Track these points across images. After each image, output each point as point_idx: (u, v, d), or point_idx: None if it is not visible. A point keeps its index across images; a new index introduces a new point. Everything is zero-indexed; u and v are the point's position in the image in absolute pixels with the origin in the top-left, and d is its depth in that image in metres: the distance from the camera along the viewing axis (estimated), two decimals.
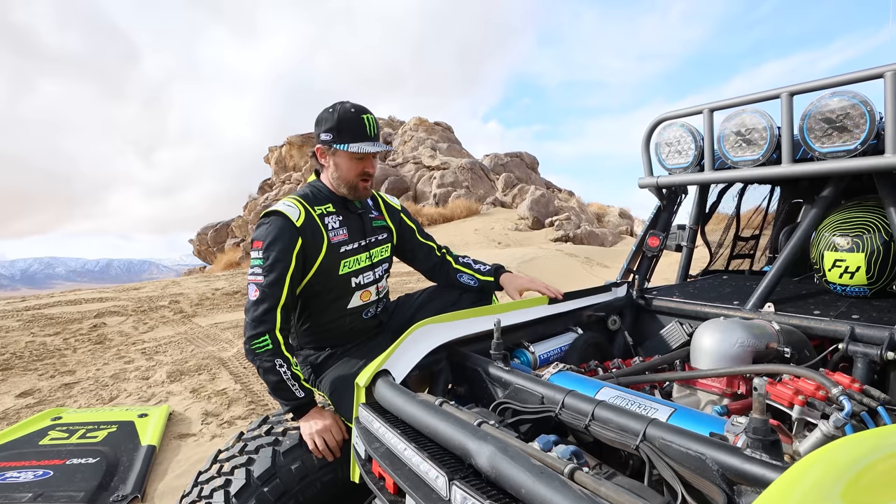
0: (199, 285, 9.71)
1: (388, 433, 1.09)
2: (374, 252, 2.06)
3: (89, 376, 4.73)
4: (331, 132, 1.87)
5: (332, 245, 1.91)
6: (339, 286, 1.95)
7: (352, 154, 1.89)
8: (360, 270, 2.00)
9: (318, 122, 1.92)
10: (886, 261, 1.75)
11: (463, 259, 2.31)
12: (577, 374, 1.38)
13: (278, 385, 1.74)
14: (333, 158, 1.92)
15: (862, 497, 0.57)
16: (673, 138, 2.17)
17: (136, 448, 3.11)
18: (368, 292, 2.04)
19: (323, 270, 1.89)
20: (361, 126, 1.89)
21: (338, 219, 1.97)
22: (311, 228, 1.86)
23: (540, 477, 0.76)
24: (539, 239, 16.44)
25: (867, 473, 0.58)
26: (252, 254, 1.85)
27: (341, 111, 1.88)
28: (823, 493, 0.56)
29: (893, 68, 1.54)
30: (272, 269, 1.77)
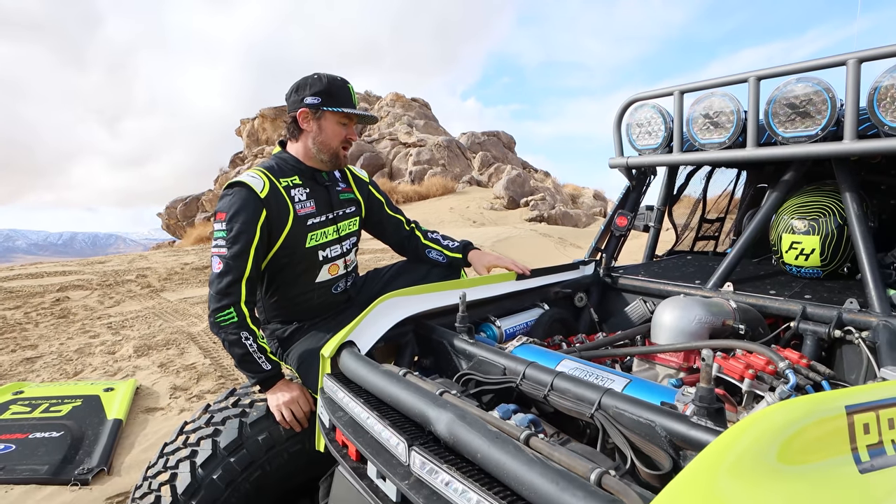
0: (167, 259, 9.52)
1: (352, 402, 1.10)
2: (341, 225, 2.05)
3: (52, 350, 4.63)
4: (319, 95, 1.87)
5: (299, 217, 1.90)
6: (306, 259, 1.94)
7: (340, 118, 1.90)
8: (328, 244, 1.99)
9: (302, 87, 1.90)
10: (840, 244, 1.82)
11: (432, 235, 2.31)
12: (539, 347, 1.42)
13: (244, 358, 1.74)
14: (319, 122, 1.91)
15: (796, 456, 0.60)
16: (644, 119, 2.20)
17: (101, 422, 3.08)
18: (336, 266, 2.03)
19: (289, 243, 1.88)
20: (348, 93, 1.93)
21: (304, 191, 1.95)
22: (275, 200, 1.84)
23: (495, 442, 0.78)
24: (514, 219, 16.53)
25: (801, 435, 0.62)
26: (215, 226, 1.82)
27: (329, 77, 1.90)
28: (759, 452, 0.59)
29: (855, 56, 1.58)
30: (236, 241, 1.75)
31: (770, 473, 0.58)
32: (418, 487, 0.84)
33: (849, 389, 0.71)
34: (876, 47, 1.56)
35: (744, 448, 0.60)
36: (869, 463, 0.62)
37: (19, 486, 2.49)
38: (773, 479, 0.58)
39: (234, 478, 1.65)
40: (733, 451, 0.59)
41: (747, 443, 0.60)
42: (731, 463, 0.58)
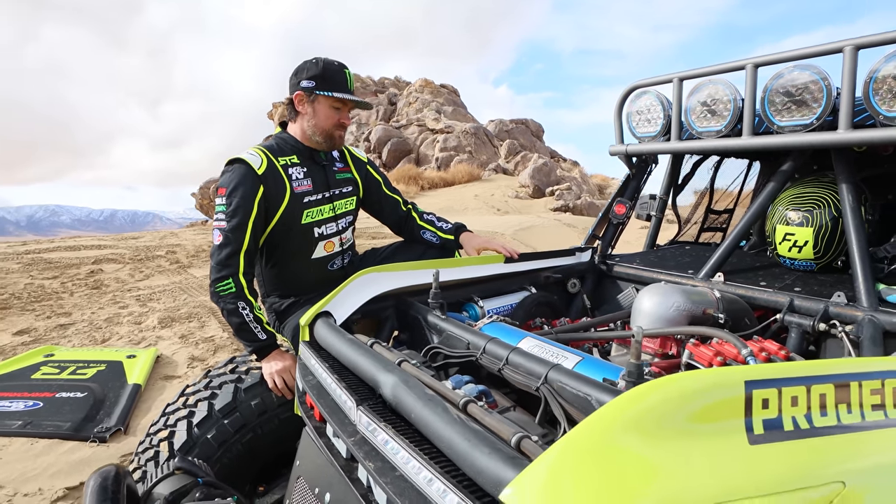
0: (196, 237, 9.82)
1: (319, 367, 1.17)
2: (337, 204, 2.10)
3: (84, 319, 4.87)
4: (314, 80, 1.92)
5: (295, 195, 1.96)
6: (302, 236, 2.00)
7: (333, 102, 1.95)
8: (323, 221, 2.05)
9: (299, 71, 1.96)
10: (833, 236, 1.80)
11: (427, 216, 2.36)
12: (507, 325, 1.46)
13: (241, 327, 1.83)
14: (313, 105, 1.96)
15: (685, 423, 0.64)
16: (644, 107, 2.19)
17: (122, 386, 3.25)
18: (332, 243, 2.09)
19: (285, 219, 1.94)
20: (343, 78, 1.97)
21: (302, 170, 2.00)
22: (272, 177, 1.90)
23: (427, 404, 0.83)
24: (538, 208, 16.41)
25: (694, 403, 0.65)
26: (216, 200, 1.90)
27: (325, 62, 1.94)
28: (653, 413, 0.63)
29: (852, 43, 1.55)
30: (234, 215, 1.82)
31: (659, 435, 0.62)
32: (361, 444, 0.90)
33: (755, 366, 0.73)
34: (874, 34, 1.52)
35: (637, 407, 0.63)
36: (762, 436, 0.65)
37: (43, 440, 2.67)
38: (662, 439, 0.62)
39: (227, 438, 1.76)
40: (628, 409, 0.63)
41: (641, 403, 0.64)
42: (625, 419, 0.62)
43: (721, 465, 0.62)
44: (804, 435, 0.67)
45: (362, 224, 6.58)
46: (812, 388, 0.70)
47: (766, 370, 0.70)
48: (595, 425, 0.63)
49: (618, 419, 0.63)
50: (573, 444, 0.62)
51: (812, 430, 0.68)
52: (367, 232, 9.62)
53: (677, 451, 0.62)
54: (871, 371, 0.76)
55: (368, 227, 9.29)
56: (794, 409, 0.68)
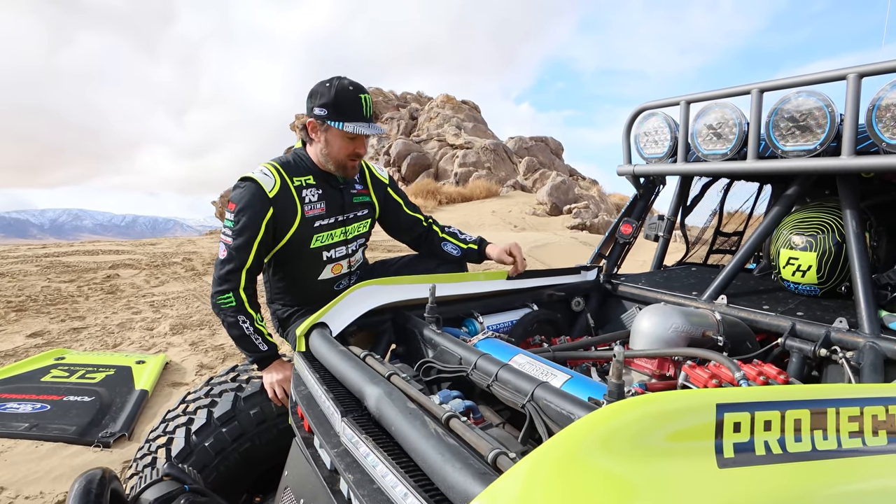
0: (213, 245, 9.96)
1: (310, 378, 1.19)
2: (350, 228, 2.07)
3: (97, 323, 4.96)
4: (326, 108, 1.83)
5: (306, 218, 1.92)
6: (310, 258, 1.99)
7: (345, 133, 1.86)
8: (333, 245, 2.02)
9: (313, 95, 1.87)
10: (837, 262, 1.78)
11: (448, 229, 2.31)
12: (501, 342, 1.46)
13: (241, 338, 1.85)
14: (325, 135, 1.89)
15: (654, 445, 0.64)
16: (651, 128, 2.20)
17: (129, 391, 3.30)
18: (340, 265, 2.08)
19: (294, 242, 1.92)
20: (358, 106, 1.85)
21: (317, 192, 1.96)
22: (284, 199, 1.87)
23: (407, 417, 0.84)
24: (555, 225, 16.38)
25: (664, 425, 0.65)
26: (226, 214, 1.89)
27: (339, 87, 1.83)
28: (621, 432, 0.63)
29: (856, 71, 1.55)
30: (240, 234, 1.81)
31: (629, 454, 0.62)
32: (343, 456, 0.91)
33: (728, 389, 0.73)
34: (877, 62, 1.52)
35: (607, 425, 0.64)
36: (732, 459, 0.65)
37: (48, 442, 2.71)
38: (631, 458, 0.62)
39: (225, 447, 1.77)
40: (597, 426, 0.64)
41: (610, 421, 0.64)
42: (594, 437, 0.63)
43: (688, 488, 0.61)
44: (776, 460, 0.66)
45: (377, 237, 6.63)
46: (787, 413, 0.69)
47: (739, 394, 0.70)
48: (563, 442, 0.63)
49: (586, 436, 0.63)
50: (541, 459, 0.62)
51: (785, 455, 0.67)
52: (382, 245, 9.69)
53: (646, 470, 0.62)
54: (850, 398, 0.75)
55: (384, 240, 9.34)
56: (766, 433, 0.68)
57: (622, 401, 0.68)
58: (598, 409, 0.68)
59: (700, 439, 0.65)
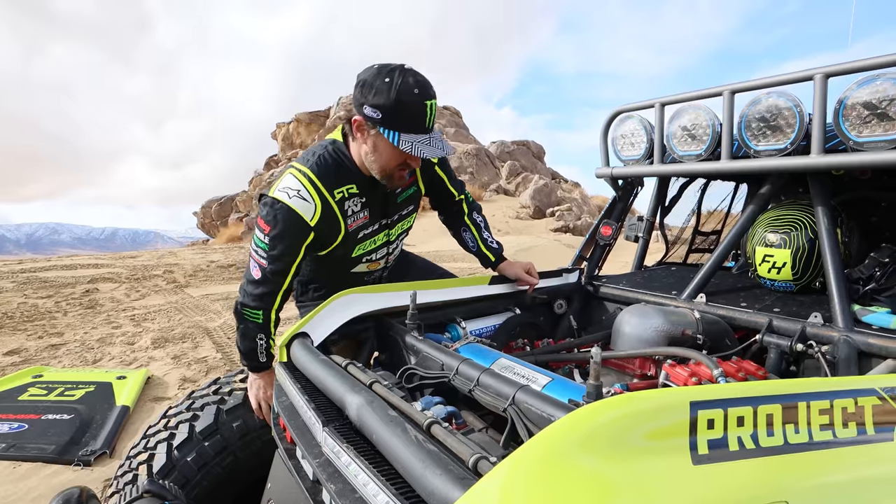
0: (195, 257, 9.86)
1: (292, 388, 1.18)
2: (393, 230, 1.91)
3: (76, 339, 4.87)
4: (381, 110, 1.48)
5: (350, 232, 1.75)
6: (351, 263, 1.88)
7: None
8: (375, 249, 1.88)
9: (367, 88, 1.50)
10: (811, 258, 1.82)
11: (476, 216, 2.13)
12: (483, 347, 1.47)
13: (249, 351, 1.74)
14: (374, 140, 1.57)
15: (630, 443, 0.65)
16: (628, 131, 2.23)
17: (110, 408, 3.24)
18: (377, 263, 1.97)
19: (336, 253, 1.79)
20: (421, 115, 1.51)
21: (360, 200, 1.73)
22: (326, 221, 1.66)
23: (388, 425, 0.84)
24: (539, 228, 16.48)
25: (640, 424, 0.66)
26: (257, 233, 1.66)
27: (402, 89, 1.46)
28: (596, 433, 0.64)
29: (822, 71, 1.59)
30: (277, 260, 1.63)
31: (606, 453, 0.63)
32: (325, 466, 0.91)
33: (702, 387, 0.74)
34: (842, 63, 1.56)
35: (584, 425, 0.64)
36: (706, 456, 0.66)
37: (27, 462, 2.65)
38: (609, 458, 0.63)
39: (207, 461, 1.75)
40: (575, 427, 0.64)
41: (586, 421, 0.65)
42: (569, 438, 0.64)
43: (664, 485, 0.62)
44: (749, 455, 0.68)
45: None
46: (759, 408, 0.71)
47: (712, 391, 0.71)
48: (542, 443, 0.64)
49: (564, 437, 0.64)
50: (520, 461, 0.63)
51: (758, 449, 0.69)
52: None
53: (624, 469, 0.63)
54: (820, 391, 0.77)
55: None
56: (739, 428, 0.69)
57: (599, 401, 0.68)
58: (576, 410, 0.68)
59: (675, 437, 0.66)
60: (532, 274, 2.05)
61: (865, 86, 1.54)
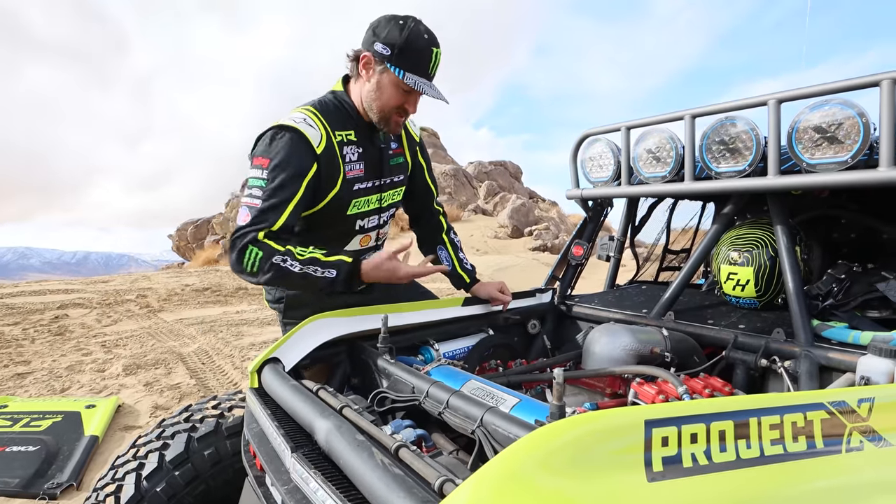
0: (169, 281, 9.69)
1: (262, 414, 1.17)
2: (385, 195, 1.85)
3: (44, 367, 4.74)
4: (391, 47, 1.56)
5: (347, 180, 1.68)
6: (343, 225, 1.78)
7: (402, 83, 1.59)
8: (368, 213, 1.82)
9: (378, 28, 1.59)
10: (773, 275, 1.88)
11: (453, 236, 2.15)
12: (454, 369, 1.48)
13: (304, 283, 1.53)
14: (380, 77, 1.62)
15: (587, 463, 0.67)
16: (596, 153, 2.29)
17: (78, 438, 3.15)
18: (369, 237, 1.89)
19: (332, 207, 1.69)
20: (427, 59, 1.60)
21: (357, 150, 1.71)
22: (329, 157, 1.62)
23: (355, 449, 0.85)
24: (517, 248, 16.61)
25: (595, 444, 0.68)
26: (251, 172, 1.57)
27: (413, 30, 1.56)
28: (554, 452, 0.66)
29: (775, 97, 1.66)
30: (274, 194, 1.52)
31: (565, 472, 0.65)
32: (294, 492, 0.91)
33: (656, 406, 0.76)
34: (794, 89, 1.64)
35: (542, 447, 0.66)
36: (661, 473, 0.68)
37: None
38: (567, 477, 0.64)
39: (178, 491, 1.71)
40: (533, 448, 0.66)
41: (545, 442, 0.67)
42: (527, 457, 0.65)
43: (622, 502, 0.64)
44: (703, 471, 0.70)
45: None
46: (711, 424, 0.73)
47: (666, 409, 0.73)
48: (503, 463, 0.65)
49: (525, 456, 0.66)
50: (482, 481, 0.64)
51: (711, 465, 0.71)
52: None
53: (583, 487, 0.64)
54: (770, 407, 0.80)
55: None
56: (693, 445, 0.71)
57: (558, 421, 0.70)
58: (535, 430, 0.70)
59: (632, 454, 0.68)
60: (504, 293, 2.07)
61: (816, 110, 1.61)
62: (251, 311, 7.38)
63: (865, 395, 0.92)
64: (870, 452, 0.86)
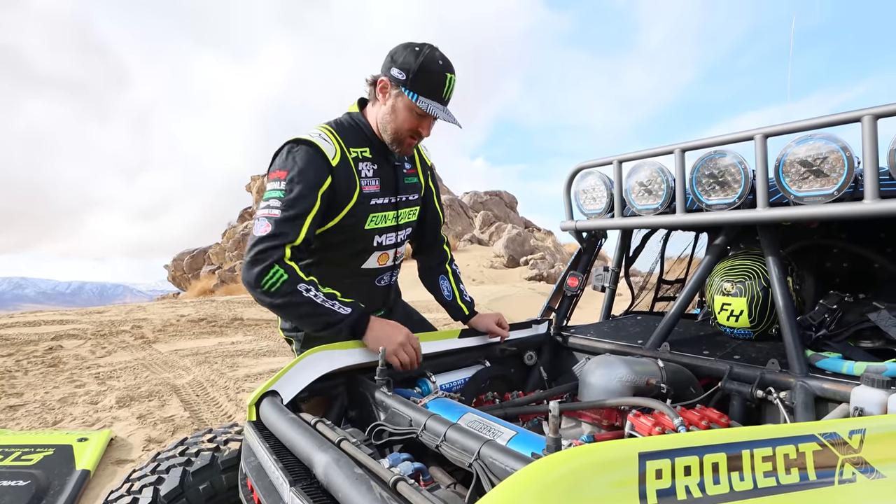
0: (164, 311, 9.63)
1: (260, 448, 1.17)
2: (402, 213, 1.89)
3: (36, 399, 4.67)
4: (406, 72, 1.63)
5: (364, 194, 1.73)
6: (361, 241, 1.80)
7: (416, 107, 1.66)
8: (385, 230, 1.84)
9: (396, 55, 1.67)
10: (766, 306, 1.90)
11: (455, 266, 2.20)
12: (451, 401, 1.48)
13: (315, 313, 1.54)
14: (395, 100, 1.69)
15: (584, 496, 0.68)
16: (589, 186, 2.34)
17: (69, 472, 3.10)
18: (387, 255, 1.91)
19: (349, 221, 1.72)
20: (441, 84, 1.66)
21: (372, 167, 1.76)
22: (344, 171, 1.66)
23: (354, 483, 0.85)
24: (513, 277, 16.63)
25: (592, 477, 0.69)
26: (269, 185, 1.61)
27: (428, 57, 1.64)
28: (549, 486, 0.67)
29: (761, 132, 1.72)
30: (293, 205, 1.55)
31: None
32: None
33: (650, 438, 0.78)
34: (780, 124, 1.69)
35: (538, 480, 0.67)
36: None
37: None
38: None
39: None
40: (530, 482, 0.67)
41: (541, 475, 0.68)
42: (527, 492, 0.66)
43: None
44: (697, 503, 0.71)
45: None
46: (705, 457, 0.75)
47: (660, 442, 0.75)
48: (499, 497, 0.66)
49: (522, 490, 0.67)
50: None
51: (705, 497, 0.72)
52: None
53: None
54: (763, 439, 0.81)
55: None
56: (686, 477, 0.72)
57: (553, 454, 0.72)
58: (531, 463, 0.71)
59: (626, 487, 0.69)
60: (502, 325, 2.09)
61: (802, 144, 1.67)
62: (247, 342, 7.33)
63: (857, 426, 0.93)
64: (862, 484, 0.87)
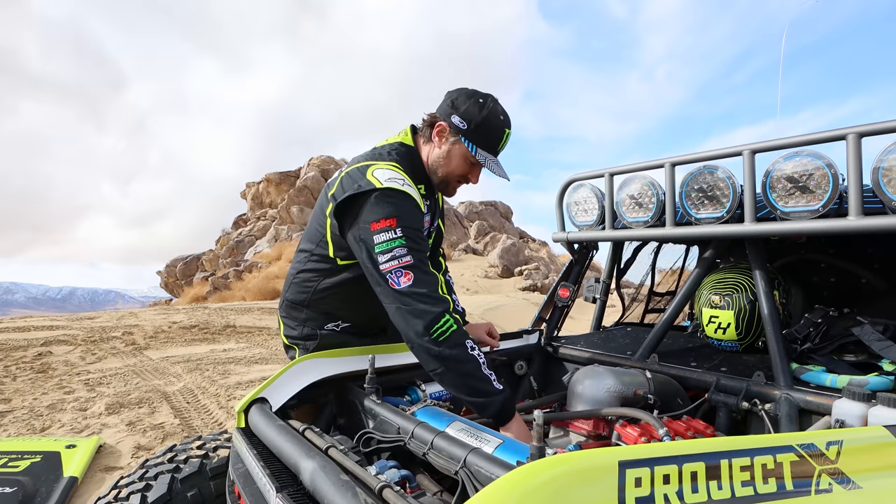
0: (156, 317, 9.58)
1: (248, 454, 1.18)
2: (431, 240, 1.92)
3: (24, 405, 4.63)
4: (468, 122, 1.66)
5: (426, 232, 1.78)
6: None
7: (471, 156, 1.70)
8: None
9: (458, 101, 1.69)
10: (752, 318, 1.93)
11: (448, 277, 2.21)
12: (439, 410, 1.49)
13: (475, 375, 1.45)
14: (451, 146, 1.72)
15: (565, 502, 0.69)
16: (581, 198, 2.36)
17: (56, 479, 3.07)
18: None
19: None
20: (499, 138, 1.72)
21: (426, 203, 1.77)
22: None
23: (339, 490, 0.86)
24: (507, 287, 16.65)
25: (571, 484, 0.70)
26: (382, 235, 1.53)
27: (492, 111, 1.68)
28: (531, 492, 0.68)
29: (749, 148, 1.75)
30: (420, 247, 1.54)
31: None
32: None
33: (629, 447, 0.79)
34: (767, 140, 1.73)
35: (520, 487, 0.68)
36: None
37: None
38: None
39: None
40: (512, 489, 0.68)
41: (523, 482, 0.69)
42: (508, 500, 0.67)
43: None
44: None
45: None
46: (684, 466, 0.76)
47: (640, 450, 0.76)
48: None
49: (500, 498, 0.68)
50: None
51: None
52: None
53: None
54: (741, 449, 0.83)
55: None
56: (665, 486, 0.74)
57: (535, 462, 0.73)
58: (513, 470, 0.72)
59: (606, 494, 0.70)
60: (493, 335, 2.10)
61: (789, 160, 1.70)
62: (238, 350, 7.30)
63: (834, 438, 0.95)
64: (839, 494, 0.89)
